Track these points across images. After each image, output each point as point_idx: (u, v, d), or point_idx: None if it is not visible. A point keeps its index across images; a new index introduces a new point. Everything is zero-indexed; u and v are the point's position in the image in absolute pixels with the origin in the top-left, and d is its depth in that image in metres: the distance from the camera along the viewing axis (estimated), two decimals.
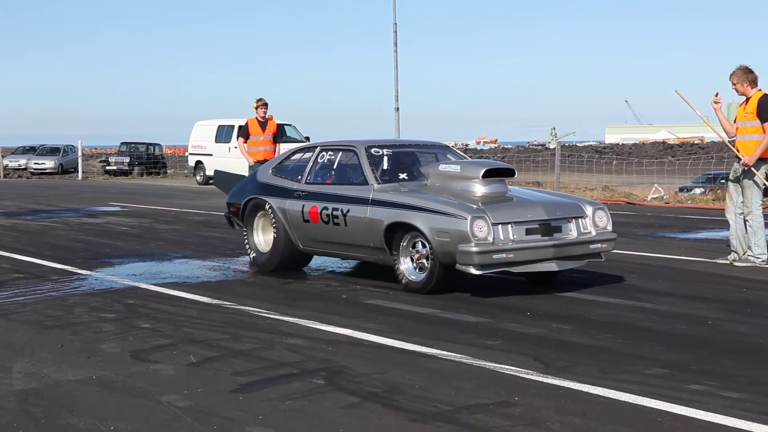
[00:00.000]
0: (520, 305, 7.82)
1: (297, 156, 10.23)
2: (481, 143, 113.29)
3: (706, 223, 15.45)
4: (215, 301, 8.10)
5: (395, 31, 31.38)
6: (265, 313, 7.57)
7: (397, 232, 8.46)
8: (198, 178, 30.97)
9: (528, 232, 8.14)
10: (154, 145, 42.74)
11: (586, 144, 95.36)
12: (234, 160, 28.41)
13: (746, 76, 10.10)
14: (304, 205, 9.41)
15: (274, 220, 9.74)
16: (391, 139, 9.94)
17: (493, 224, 7.95)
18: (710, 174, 32.56)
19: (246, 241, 10.22)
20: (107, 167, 39.59)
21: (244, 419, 4.78)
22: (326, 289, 8.88)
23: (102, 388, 5.41)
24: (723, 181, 29.66)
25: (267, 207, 9.84)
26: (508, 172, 8.86)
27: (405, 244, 8.44)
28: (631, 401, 5.00)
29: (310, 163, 9.79)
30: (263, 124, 14.62)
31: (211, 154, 30.08)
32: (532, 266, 8.13)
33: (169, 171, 41.07)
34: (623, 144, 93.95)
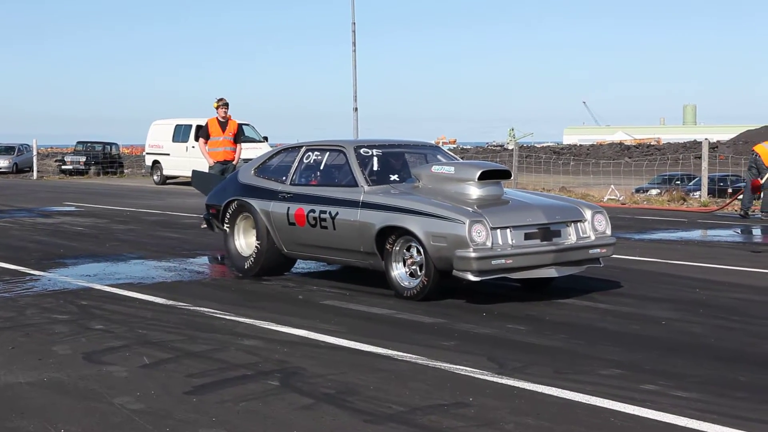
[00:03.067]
0: (476, 306, 7.84)
1: (281, 156, 9.88)
2: (440, 144, 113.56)
3: (661, 224, 15.60)
4: (170, 302, 8.04)
5: (354, 31, 31.36)
6: (221, 314, 7.53)
7: (390, 236, 8.18)
8: (155, 177, 30.74)
9: (527, 236, 7.89)
10: (110, 144, 42.32)
11: (544, 145, 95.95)
12: (192, 159, 28.25)
13: None
14: (289, 208, 9.08)
15: (256, 222, 9.47)
16: (380, 139, 9.56)
17: (491, 228, 7.70)
18: (666, 175, 32.94)
19: (226, 244, 9.88)
20: (63, 167, 39.16)
21: (198, 421, 4.74)
22: (282, 289, 8.85)
23: (53, 390, 5.35)
24: (678, 182, 30.05)
25: (249, 209, 9.52)
26: (504, 174, 8.66)
27: (398, 248, 8.14)
28: (584, 401, 5.03)
29: (296, 164, 9.44)
30: (223, 124, 14.56)
31: (168, 154, 29.88)
32: (532, 272, 7.88)
33: (125, 171, 40.68)
34: (581, 145, 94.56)
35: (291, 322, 7.18)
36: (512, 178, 8.75)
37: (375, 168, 8.95)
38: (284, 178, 9.44)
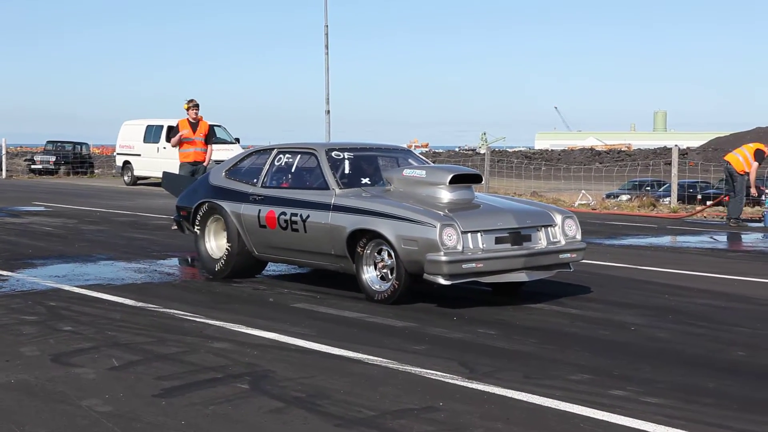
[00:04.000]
0: (447, 310, 7.84)
1: (252, 158, 9.81)
2: (412, 147, 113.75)
3: (631, 230, 15.69)
4: (140, 304, 7.99)
5: (326, 34, 31.31)
6: (191, 316, 7.49)
7: (361, 239, 8.16)
8: (126, 178, 30.56)
9: (498, 240, 7.89)
10: (81, 144, 42.03)
11: (516, 149, 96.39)
12: (163, 160, 28.11)
13: None
14: (260, 210, 9.04)
15: (227, 225, 9.42)
16: (351, 142, 9.57)
17: (462, 232, 7.69)
18: (636, 181, 33.11)
19: (197, 246, 9.82)
20: (32, 166, 38.85)
21: (167, 424, 4.72)
22: (253, 292, 8.82)
23: (20, 392, 5.29)
24: (648, 188, 30.24)
25: (220, 211, 9.47)
26: (475, 178, 8.68)
27: (369, 252, 8.12)
28: (554, 406, 5.04)
29: (267, 166, 9.39)
30: (194, 125, 14.51)
31: (139, 154, 29.72)
32: (502, 276, 7.90)
33: (96, 171, 40.42)
34: (552, 150, 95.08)
35: (261, 324, 7.16)
36: (484, 182, 8.75)
37: (346, 171, 8.94)
38: (255, 180, 9.40)
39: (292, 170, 9.27)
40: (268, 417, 4.85)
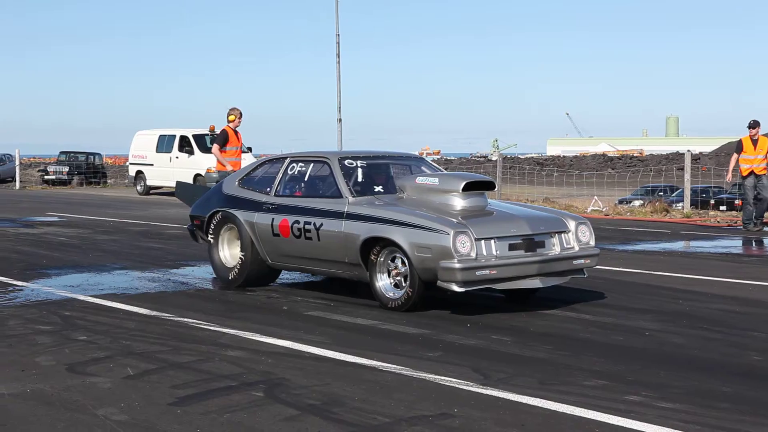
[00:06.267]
0: (461, 317, 7.84)
1: (265, 167, 9.83)
2: (424, 155, 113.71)
3: (644, 235, 15.65)
4: (154, 313, 8.02)
5: (338, 43, 31.40)
6: (205, 325, 7.51)
7: (374, 247, 8.16)
8: (138, 188, 30.65)
9: (511, 247, 7.88)
10: (94, 154, 42.19)
11: (528, 156, 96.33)
12: (175, 170, 28.21)
13: None
14: (273, 219, 9.06)
15: (240, 233, 9.46)
16: (364, 150, 9.56)
17: (476, 239, 7.69)
18: (649, 186, 33.10)
19: (210, 255, 9.85)
20: (46, 177, 39.03)
21: None
22: (267, 300, 8.83)
23: (36, 401, 5.32)
24: (661, 193, 30.20)
25: (234, 220, 9.50)
26: (488, 185, 8.67)
27: (382, 259, 8.13)
28: (569, 412, 5.04)
29: (280, 175, 9.41)
30: (237, 134, 14.76)
31: (152, 164, 29.80)
32: (516, 283, 7.87)
33: (109, 181, 40.59)
34: (564, 156, 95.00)
35: (276, 333, 7.17)
36: (496, 189, 8.74)
37: (359, 179, 8.95)
38: (268, 189, 9.42)
39: (305, 179, 9.29)
40: (283, 425, 4.86)
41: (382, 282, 8.19)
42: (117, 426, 4.84)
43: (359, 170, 9.04)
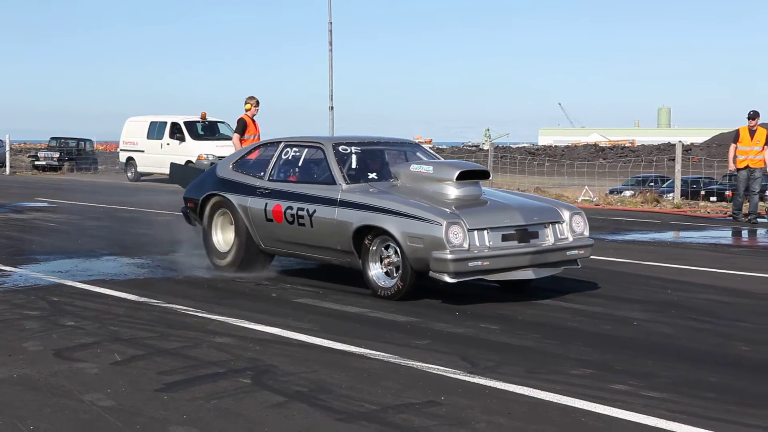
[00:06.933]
0: (450, 305, 7.84)
1: (259, 151, 9.80)
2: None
3: (634, 225, 15.68)
4: (142, 299, 8.00)
5: (330, 30, 31.35)
6: (193, 311, 7.50)
7: (367, 235, 8.11)
8: (129, 174, 30.56)
9: (504, 238, 7.83)
10: (84, 140, 42.08)
11: (520, 145, 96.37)
12: (166, 157, 28.12)
13: None
14: (267, 204, 9.02)
15: (234, 218, 9.41)
16: (359, 136, 9.44)
17: (468, 230, 7.62)
18: (640, 177, 33.15)
19: (204, 239, 9.82)
20: (36, 162, 38.90)
21: (168, 419, 4.72)
22: (256, 287, 8.82)
23: (23, 387, 5.31)
24: (652, 184, 30.24)
25: (227, 204, 9.46)
26: (483, 174, 8.63)
27: (375, 248, 8.08)
28: (555, 401, 5.05)
29: (274, 159, 9.35)
30: (254, 122, 14.72)
31: (142, 151, 29.72)
32: (509, 274, 7.84)
33: (100, 167, 40.44)
34: (556, 146, 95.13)
35: (264, 319, 7.17)
36: (490, 178, 8.69)
37: (353, 165, 8.89)
38: (262, 173, 9.37)
39: (300, 164, 9.24)
40: (270, 411, 4.86)
41: (375, 270, 8.14)
42: (103, 412, 4.83)
43: (353, 156, 8.96)
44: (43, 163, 38.41)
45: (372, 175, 8.85)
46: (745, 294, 8.68)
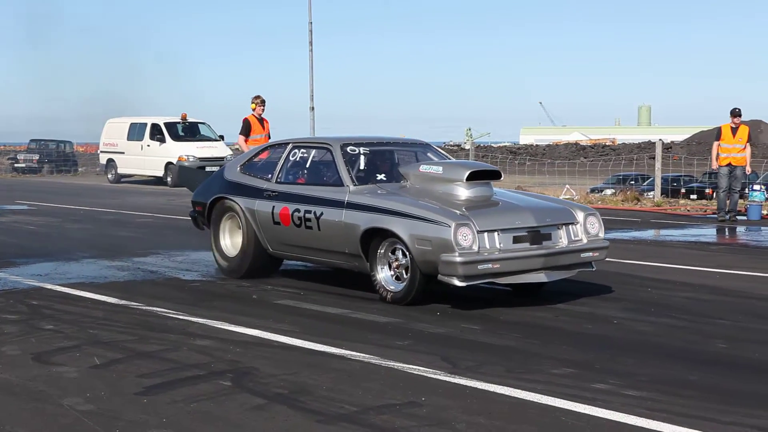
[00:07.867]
0: (431, 306, 7.84)
1: (267, 153, 9.64)
2: None
3: (615, 224, 15.70)
4: (122, 302, 7.96)
5: (310, 30, 31.38)
6: (173, 313, 7.47)
7: (375, 238, 7.92)
8: (109, 176, 30.44)
9: (516, 240, 7.61)
10: (64, 142, 41.97)
11: (501, 145, 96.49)
12: (146, 158, 28.06)
13: None
14: (274, 206, 8.83)
15: (241, 221, 9.25)
16: (368, 136, 9.20)
17: (478, 232, 7.42)
18: (620, 175, 33.25)
19: (212, 243, 9.62)
20: (16, 165, 38.77)
21: (148, 422, 4.70)
22: (237, 289, 8.79)
23: (1, 391, 5.27)
24: (633, 182, 30.36)
25: (234, 207, 9.28)
26: (494, 174, 8.40)
27: (383, 251, 7.87)
28: (536, 400, 5.05)
29: (281, 161, 9.15)
30: (261, 121, 14.62)
31: (123, 152, 29.61)
32: (520, 277, 7.65)
33: (80, 169, 40.29)
34: (537, 145, 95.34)
35: (244, 321, 7.15)
36: (502, 178, 8.42)
37: (362, 167, 8.69)
38: (270, 175, 9.19)
39: (307, 166, 9.06)
40: (250, 414, 4.85)
41: (383, 274, 7.94)
42: (82, 416, 4.81)
43: (362, 157, 8.76)
44: (23, 165, 38.29)
45: (381, 176, 8.65)
46: (724, 291, 8.72)
